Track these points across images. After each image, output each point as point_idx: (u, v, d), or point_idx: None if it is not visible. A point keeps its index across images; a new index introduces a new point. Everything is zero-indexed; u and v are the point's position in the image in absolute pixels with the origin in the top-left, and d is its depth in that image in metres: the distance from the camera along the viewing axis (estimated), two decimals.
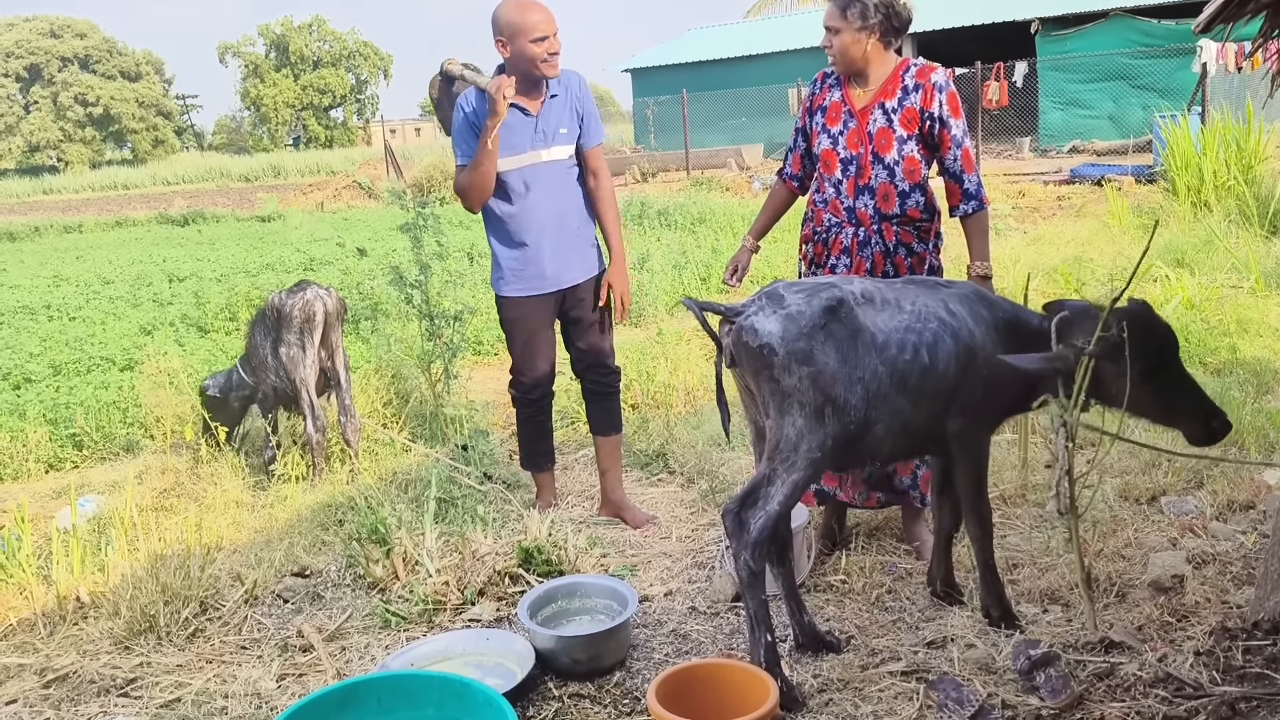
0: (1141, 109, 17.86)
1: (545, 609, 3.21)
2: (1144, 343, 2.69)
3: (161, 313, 8.95)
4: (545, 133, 3.84)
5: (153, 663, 3.13)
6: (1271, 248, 8.33)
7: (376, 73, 67.89)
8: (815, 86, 3.60)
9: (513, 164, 3.83)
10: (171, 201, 27.32)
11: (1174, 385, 2.79)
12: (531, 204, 3.87)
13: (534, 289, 3.95)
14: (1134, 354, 2.66)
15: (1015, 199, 13.91)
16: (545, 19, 3.70)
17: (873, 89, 3.43)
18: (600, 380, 4.14)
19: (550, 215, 3.89)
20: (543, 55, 3.70)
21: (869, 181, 3.40)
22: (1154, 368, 2.73)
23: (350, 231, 15.09)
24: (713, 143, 23.30)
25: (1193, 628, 2.83)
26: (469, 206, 3.94)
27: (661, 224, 12.72)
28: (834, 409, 2.63)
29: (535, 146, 3.83)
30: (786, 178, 3.73)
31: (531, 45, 3.68)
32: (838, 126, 3.47)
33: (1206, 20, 3.07)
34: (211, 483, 4.70)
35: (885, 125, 3.38)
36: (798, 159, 3.68)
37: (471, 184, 3.83)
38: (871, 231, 3.42)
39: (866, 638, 3.03)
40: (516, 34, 3.68)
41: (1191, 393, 2.80)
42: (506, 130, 3.78)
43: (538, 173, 3.85)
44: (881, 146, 3.38)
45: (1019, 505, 3.90)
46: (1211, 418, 2.77)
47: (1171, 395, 2.78)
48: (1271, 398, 4.78)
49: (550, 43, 3.71)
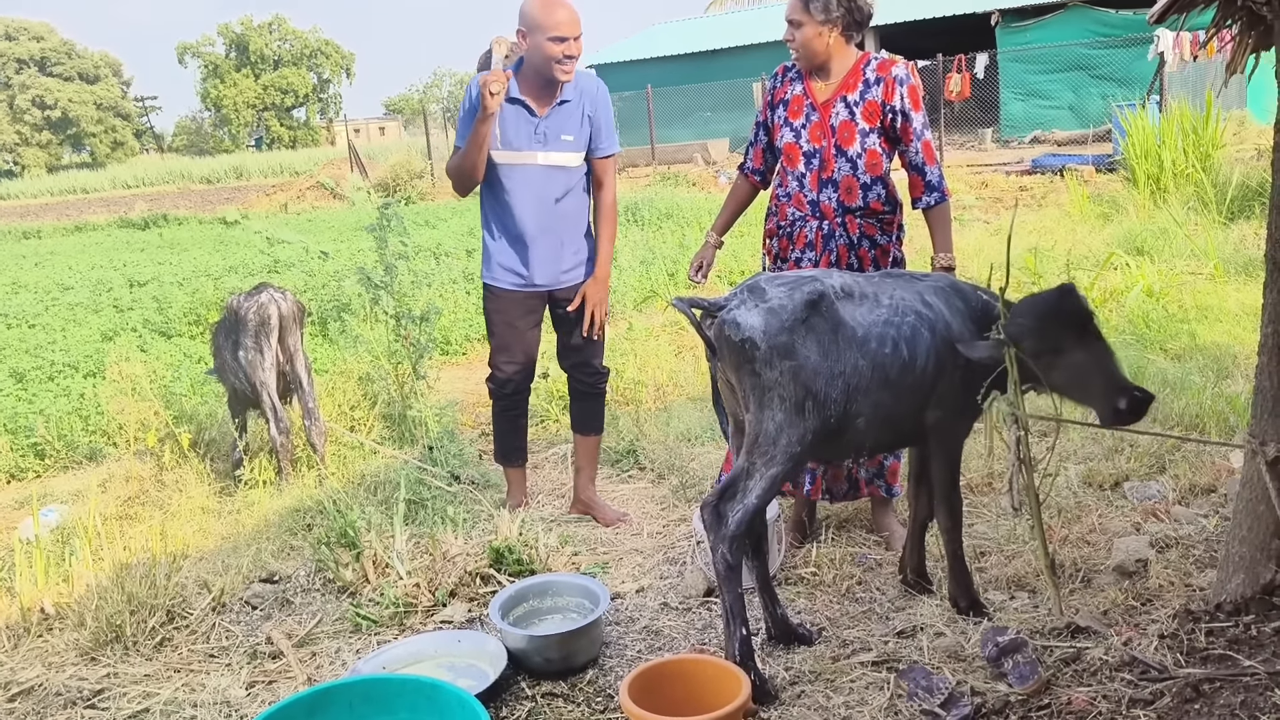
0: (1101, 99, 18.04)
1: (517, 609, 3.21)
2: (1044, 319, 2.68)
3: (122, 318, 8.83)
4: (546, 135, 3.80)
5: (120, 673, 3.09)
6: (1229, 234, 8.47)
7: (339, 72, 67.27)
8: (776, 80, 3.60)
9: (509, 159, 3.81)
10: (132, 205, 26.94)
11: (1081, 363, 2.70)
12: (522, 202, 3.84)
13: (516, 284, 3.93)
14: (1035, 331, 2.67)
15: (978, 189, 14.04)
16: (569, 20, 3.64)
17: (834, 82, 3.45)
18: (584, 380, 4.13)
19: (540, 217, 3.86)
20: (559, 56, 3.65)
21: (832, 174, 3.42)
22: (1051, 349, 2.69)
23: (315, 233, 14.96)
24: (678, 138, 23.28)
25: (1157, 611, 2.88)
26: (457, 190, 3.95)
27: (628, 220, 12.71)
28: (814, 403, 2.64)
29: (533, 147, 3.80)
30: (748, 172, 3.73)
31: (549, 44, 3.63)
32: (800, 120, 3.48)
33: (1160, 10, 3.10)
34: (177, 489, 4.65)
35: (848, 118, 3.40)
36: (759, 153, 3.68)
37: (458, 170, 3.84)
38: (835, 225, 3.44)
39: (838, 629, 3.04)
40: (536, 28, 3.64)
41: (1101, 372, 2.68)
42: (507, 125, 3.76)
43: (532, 174, 3.82)
44: (844, 139, 3.40)
45: (985, 494, 3.94)
46: (1117, 397, 2.62)
47: (1080, 374, 2.71)
48: (1231, 382, 4.85)
49: (569, 45, 3.65)
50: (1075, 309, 2.71)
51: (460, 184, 3.89)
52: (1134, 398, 2.61)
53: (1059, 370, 2.73)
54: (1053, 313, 2.70)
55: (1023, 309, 2.74)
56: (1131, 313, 6.03)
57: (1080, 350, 2.69)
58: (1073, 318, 2.70)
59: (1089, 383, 2.69)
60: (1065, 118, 19.73)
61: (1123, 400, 2.61)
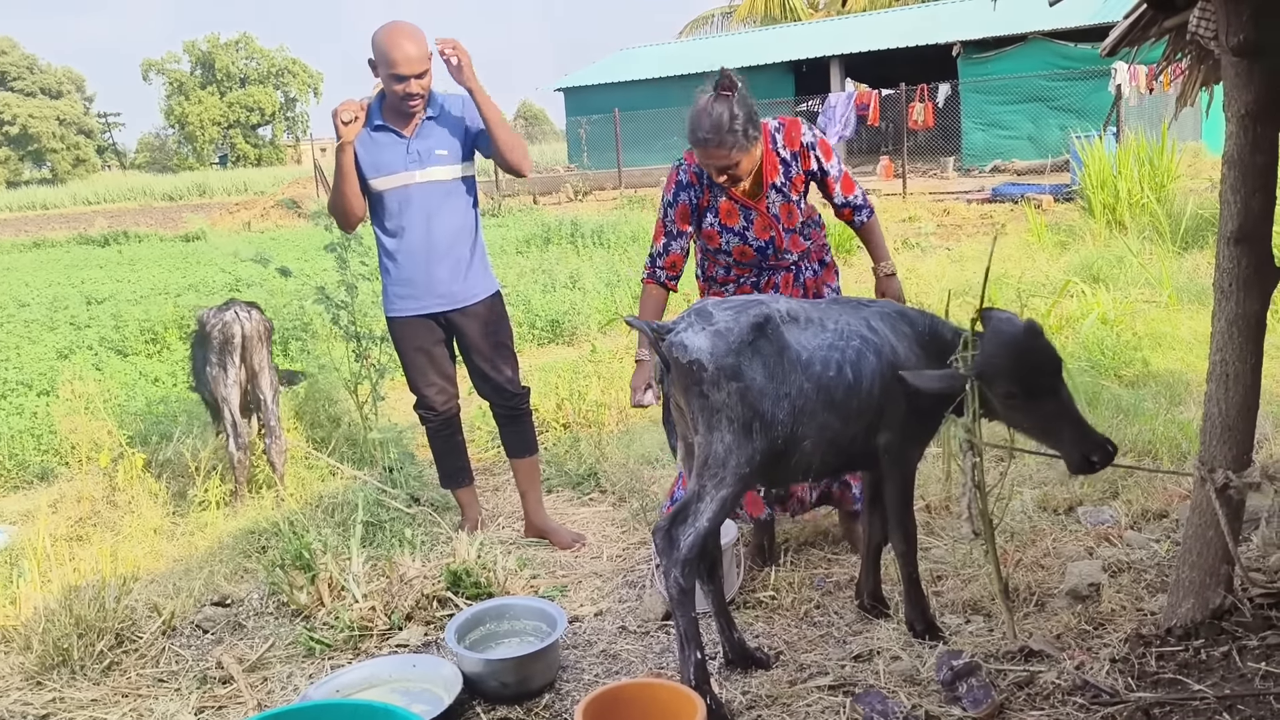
0: (1059, 129, 18.35)
1: (473, 632, 3.18)
2: (1019, 364, 2.70)
3: (79, 335, 8.70)
4: (420, 154, 3.78)
5: (66, 698, 3.02)
6: (1183, 263, 8.64)
7: (306, 91, 67.01)
8: (689, 194, 3.48)
9: (387, 184, 3.80)
10: (92, 221, 26.55)
11: (1051, 412, 2.75)
12: (408, 224, 3.82)
13: (415, 309, 3.90)
14: (1008, 374, 2.70)
15: (940, 217, 14.22)
16: (408, 60, 3.60)
17: (754, 178, 3.42)
18: (504, 404, 4.09)
19: (428, 236, 3.83)
20: (400, 93, 3.66)
21: (784, 246, 3.50)
22: (1024, 393, 2.71)
23: (278, 251, 14.82)
24: (645, 161, 23.38)
25: (1109, 635, 2.90)
26: (341, 227, 3.97)
27: (595, 243, 12.74)
28: (761, 424, 2.66)
29: (409, 167, 3.78)
30: (665, 280, 3.57)
31: (390, 81, 3.65)
32: (739, 223, 3.47)
33: (1113, 43, 3.19)
34: (129, 510, 4.57)
35: (783, 201, 3.45)
36: (676, 259, 3.55)
37: (333, 205, 3.86)
38: (791, 273, 3.55)
39: (795, 653, 3.05)
40: (381, 62, 3.66)
41: (1070, 421, 2.75)
42: (380, 151, 3.77)
43: (412, 194, 3.79)
44: (788, 219, 3.47)
45: (944, 518, 3.97)
46: (1090, 448, 2.71)
47: (1049, 422, 2.76)
48: (1183, 408, 4.93)
49: (409, 84, 3.63)
50: (1050, 355, 2.76)
51: (340, 218, 3.89)
52: (1106, 452, 2.71)
53: (1028, 414, 2.77)
54: (1028, 357, 2.71)
55: (996, 349, 2.72)
56: (1087, 339, 6.12)
57: (1052, 399, 2.75)
58: (1049, 364, 2.74)
59: (1059, 431, 2.75)
60: (1025, 148, 20.05)
61: (1096, 454, 2.70)
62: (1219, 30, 2.51)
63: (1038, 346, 2.72)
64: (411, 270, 3.85)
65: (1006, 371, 2.70)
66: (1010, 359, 2.70)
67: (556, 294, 9.18)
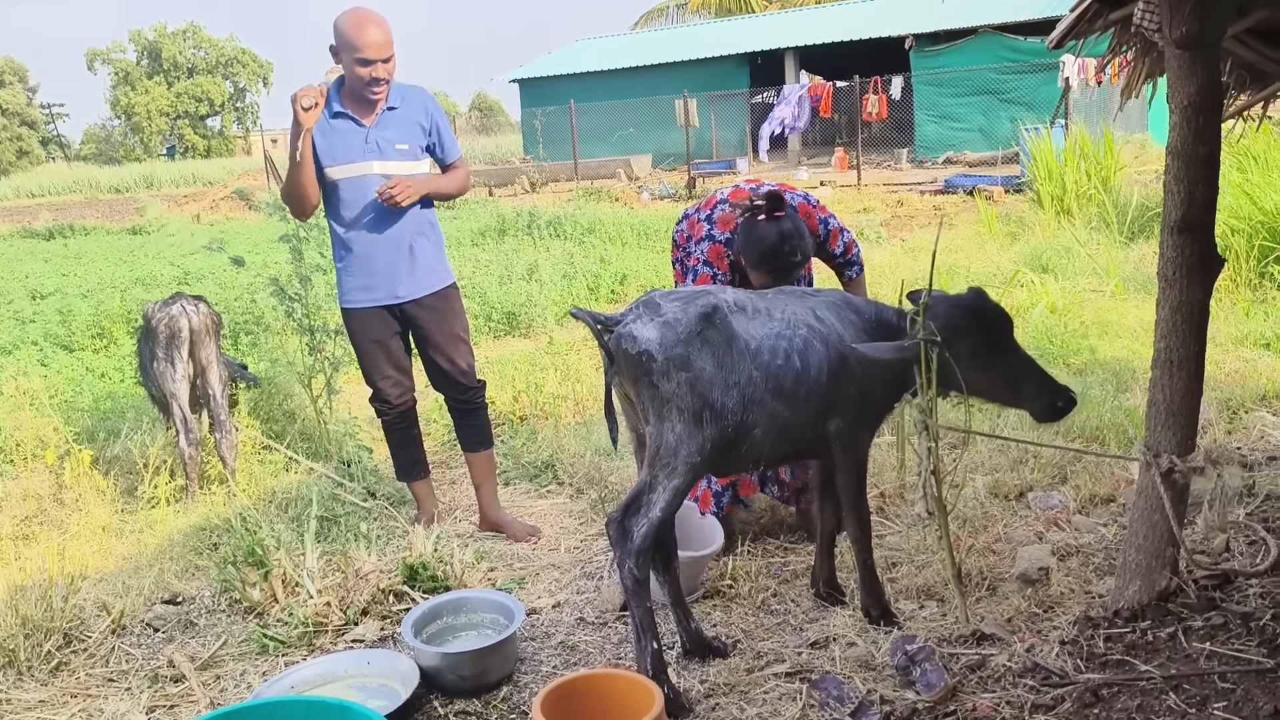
0: (1009, 122, 18.59)
1: (430, 626, 3.16)
2: (974, 325, 2.85)
3: (23, 331, 8.50)
4: (379, 144, 3.75)
5: (12, 699, 2.96)
6: (1130, 253, 8.80)
7: (256, 81, 65.87)
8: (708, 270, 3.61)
9: (343, 173, 3.75)
10: (36, 214, 25.97)
11: (1013, 366, 2.91)
12: (364, 214, 3.78)
13: (368, 300, 3.86)
14: (965, 337, 2.81)
15: (894, 208, 14.36)
16: (376, 44, 3.59)
17: None
18: (458, 397, 4.07)
19: (383, 227, 3.79)
20: (366, 78, 3.63)
21: None
22: (987, 349, 2.87)
23: (229, 244, 14.61)
24: (601, 153, 23.34)
25: (1058, 618, 2.96)
26: (295, 214, 3.92)
27: (551, 234, 12.70)
28: (711, 414, 2.67)
29: (367, 157, 3.74)
30: None
31: (356, 65, 3.61)
32: None
33: (1059, 36, 3.22)
34: (77, 508, 4.48)
35: None
36: None
37: (287, 192, 3.80)
38: None
39: (752, 641, 3.07)
40: (345, 47, 3.62)
41: (1032, 372, 2.93)
42: (337, 139, 3.72)
43: (369, 184, 3.75)
44: None
45: (898, 505, 4.01)
46: (1055, 395, 2.89)
47: (1012, 376, 2.92)
48: (1129, 395, 5.03)
49: (376, 68, 3.61)
50: (1003, 312, 2.94)
51: (294, 205, 3.84)
52: (1070, 398, 2.89)
53: (991, 370, 2.89)
54: (985, 314, 2.88)
55: (954, 310, 2.86)
56: (1035, 328, 6.22)
57: (1012, 353, 2.91)
58: (1004, 319, 2.92)
59: (1022, 382, 2.91)
60: (976, 139, 20.30)
61: (1061, 400, 2.88)
62: (1163, 23, 2.55)
63: (989, 305, 2.91)
64: (366, 261, 3.81)
65: (967, 329, 2.83)
66: (968, 317, 2.85)
67: (513, 286, 9.13)
